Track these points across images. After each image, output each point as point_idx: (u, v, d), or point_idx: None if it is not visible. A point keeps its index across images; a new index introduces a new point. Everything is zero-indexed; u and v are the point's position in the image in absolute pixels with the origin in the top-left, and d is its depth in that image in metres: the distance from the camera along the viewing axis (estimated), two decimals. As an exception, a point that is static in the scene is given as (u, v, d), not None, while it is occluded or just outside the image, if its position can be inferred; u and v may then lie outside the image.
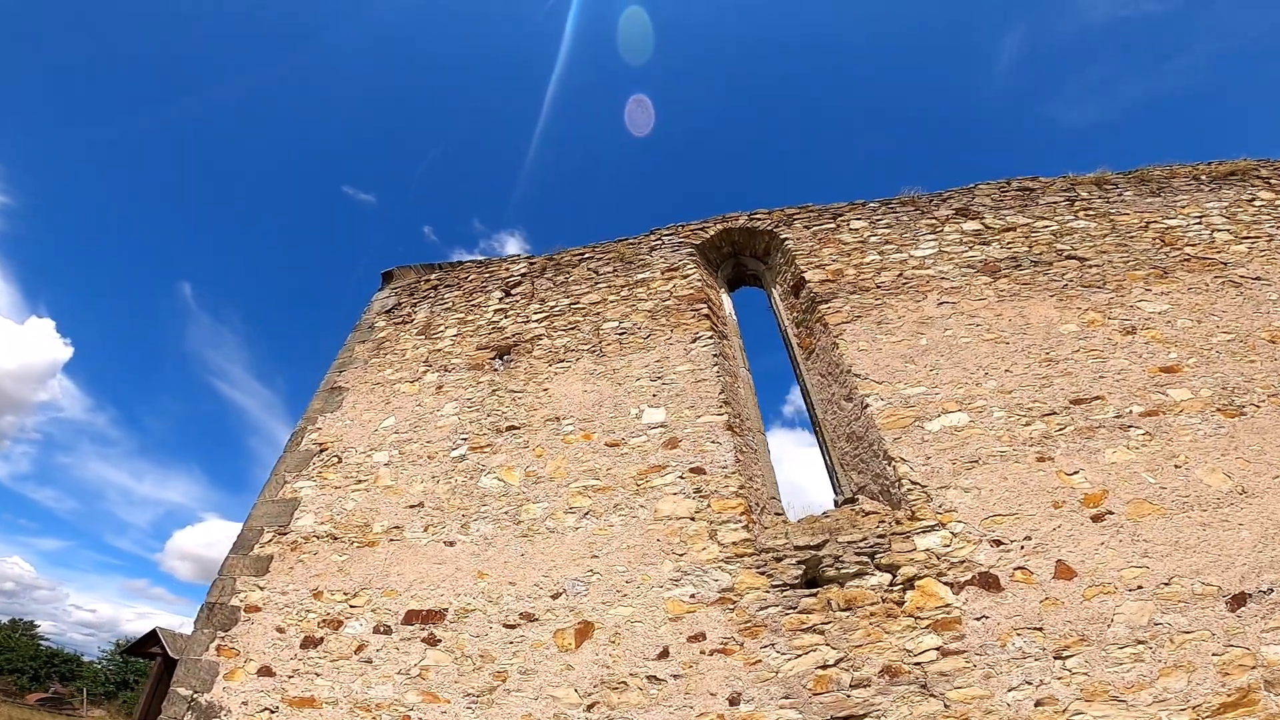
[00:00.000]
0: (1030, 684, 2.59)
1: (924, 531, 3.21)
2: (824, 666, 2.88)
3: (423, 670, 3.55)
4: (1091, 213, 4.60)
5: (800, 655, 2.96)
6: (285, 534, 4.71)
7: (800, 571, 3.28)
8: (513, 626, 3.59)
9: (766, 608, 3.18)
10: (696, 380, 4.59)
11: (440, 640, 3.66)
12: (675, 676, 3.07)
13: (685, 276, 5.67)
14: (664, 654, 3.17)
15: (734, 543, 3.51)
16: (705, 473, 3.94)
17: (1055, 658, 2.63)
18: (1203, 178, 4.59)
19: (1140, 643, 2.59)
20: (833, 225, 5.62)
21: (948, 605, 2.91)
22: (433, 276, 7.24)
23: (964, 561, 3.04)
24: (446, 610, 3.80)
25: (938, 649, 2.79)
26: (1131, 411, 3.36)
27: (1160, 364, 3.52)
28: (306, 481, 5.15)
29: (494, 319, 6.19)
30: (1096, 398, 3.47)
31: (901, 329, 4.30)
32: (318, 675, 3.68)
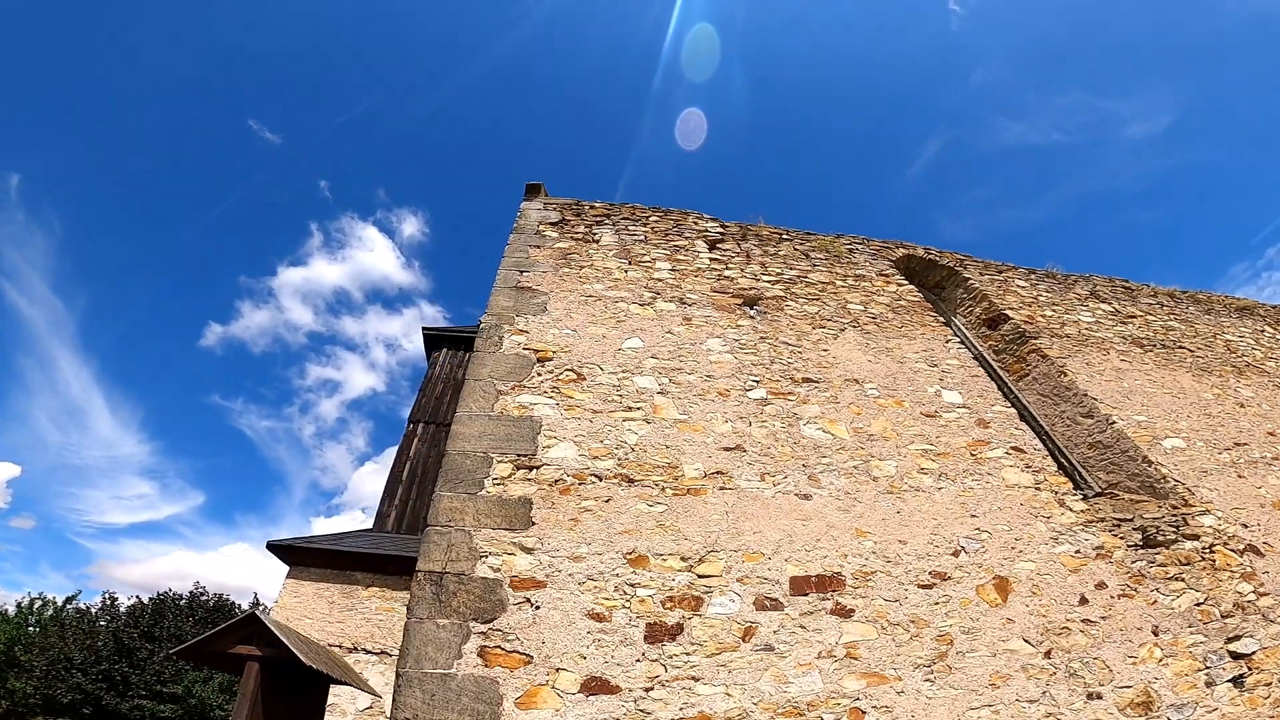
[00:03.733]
0: (1316, 615, 4.05)
1: (1200, 514, 4.60)
2: (1198, 604, 3.94)
3: (848, 649, 3.24)
4: (1177, 317, 7.05)
5: (1178, 596, 3.97)
6: (535, 467, 3.85)
7: (1139, 536, 4.34)
8: (928, 587, 3.65)
9: (1136, 561, 4.14)
10: (970, 375, 5.47)
11: (853, 610, 3.43)
12: (1104, 618, 3.74)
13: (902, 285, 6.59)
14: (1083, 601, 3.81)
15: (1081, 510, 4.41)
16: (1025, 452, 4.80)
17: (1318, 599, 4.16)
18: (1230, 306, 7.48)
19: (1348, 591, 4.29)
20: (1001, 278, 7.22)
21: (1242, 563, 4.28)
22: (596, 204, 6.85)
23: (1234, 536, 4.49)
24: (841, 574, 3.60)
25: (1254, 590, 4.10)
26: (1266, 456, 5.38)
27: (1266, 429, 5.71)
28: (539, 397, 4.41)
29: (713, 266, 6.18)
30: (1245, 443, 5.44)
31: (1105, 372, 5.90)
32: (696, 680, 2.97)
